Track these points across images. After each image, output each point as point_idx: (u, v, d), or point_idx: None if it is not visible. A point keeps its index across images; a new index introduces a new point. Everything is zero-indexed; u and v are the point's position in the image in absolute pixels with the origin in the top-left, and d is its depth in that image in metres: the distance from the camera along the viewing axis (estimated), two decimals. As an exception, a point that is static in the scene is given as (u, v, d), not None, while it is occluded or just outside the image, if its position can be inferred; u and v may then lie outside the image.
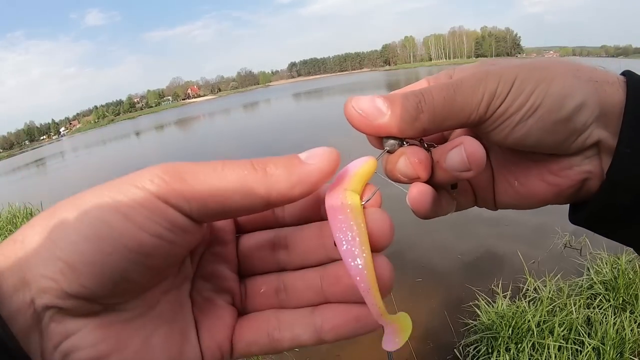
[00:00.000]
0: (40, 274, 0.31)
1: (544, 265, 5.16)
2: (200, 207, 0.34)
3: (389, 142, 0.46)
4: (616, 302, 3.94)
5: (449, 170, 0.45)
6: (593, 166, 0.47)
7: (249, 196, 0.35)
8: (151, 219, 0.32)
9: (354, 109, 0.45)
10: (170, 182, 0.33)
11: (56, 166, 35.48)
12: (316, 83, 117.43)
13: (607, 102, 0.44)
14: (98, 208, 0.31)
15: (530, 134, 0.44)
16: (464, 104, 0.44)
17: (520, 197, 0.52)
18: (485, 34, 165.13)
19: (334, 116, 28.01)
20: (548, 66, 0.45)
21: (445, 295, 5.22)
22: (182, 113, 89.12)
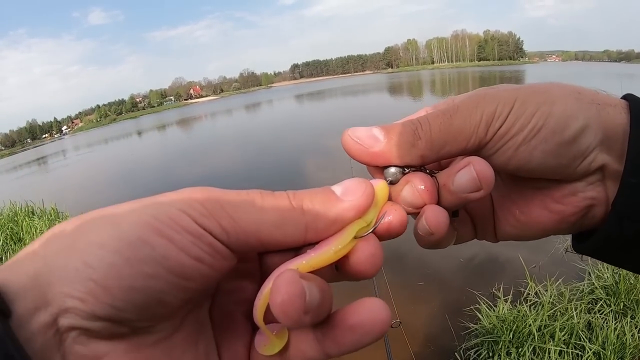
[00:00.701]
0: (65, 293, 0.29)
1: (545, 270, 5.16)
2: (239, 239, 0.34)
3: (390, 172, 0.45)
4: (617, 307, 3.94)
5: (457, 192, 0.43)
6: (597, 192, 0.45)
7: (288, 234, 0.36)
8: (194, 243, 0.31)
9: (350, 137, 0.45)
10: (212, 212, 0.33)
11: (58, 164, 35.49)
12: (318, 85, 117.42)
13: (609, 125, 0.43)
14: (138, 228, 0.31)
15: (534, 156, 0.43)
16: (462, 127, 0.43)
17: (521, 227, 0.51)
18: (487, 37, 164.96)
19: (335, 118, 28.01)
20: (549, 89, 0.45)
21: (447, 298, 5.23)
22: (184, 113, 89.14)
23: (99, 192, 16.56)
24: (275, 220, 0.35)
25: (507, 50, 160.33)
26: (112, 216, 0.32)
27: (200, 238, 0.32)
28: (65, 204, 10.39)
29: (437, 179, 0.45)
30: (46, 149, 68.11)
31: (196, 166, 17.96)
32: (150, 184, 16.22)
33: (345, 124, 0.47)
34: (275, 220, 0.35)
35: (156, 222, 0.31)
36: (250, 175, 14.54)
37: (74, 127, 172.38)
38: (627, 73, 60.49)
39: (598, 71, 61.35)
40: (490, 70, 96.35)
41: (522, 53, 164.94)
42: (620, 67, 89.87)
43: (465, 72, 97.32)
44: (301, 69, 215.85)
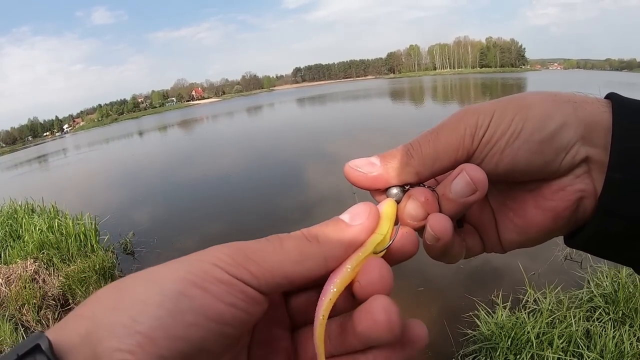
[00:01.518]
0: (115, 347, 0.31)
1: (544, 277, 5.16)
2: (267, 281, 0.37)
3: (392, 192, 0.49)
4: (616, 315, 3.94)
5: (456, 198, 0.46)
6: (585, 184, 0.47)
7: (310, 267, 0.39)
8: (228, 292, 0.34)
9: (350, 167, 0.49)
10: (239, 261, 0.36)
11: (58, 163, 35.53)
12: (320, 89, 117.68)
13: (589, 120, 0.46)
14: (177, 283, 0.33)
15: (519, 157, 0.46)
16: (448, 141, 0.47)
17: (522, 232, 0.52)
18: (490, 44, 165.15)
19: (336, 122, 28.05)
20: (525, 97, 0.48)
21: (446, 304, 5.23)
22: (186, 114, 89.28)
23: (99, 191, 16.60)
24: (296, 256, 0.39)
25: (509, 57, 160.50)
26: (151, 275, 0.35)
27: (233, 286, 0.35)
28: (65, 203, 10.39)
29: (436, 191, 0.48)
30: (47, 147, 68.27)
31: (197, 168, 17.96)
32: (150, 185, 16.26)
33: (346, 127, 0.48)
34: (296, 257, 0.39)
35: (192, 276, 0.34)
36: (251, 178, 14.57)
37: (76, 126, 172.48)
38: (629, 82, 60.60)
39: (599, 80, 61.38)
40: (492, 77, 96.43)
41: (524, 60, 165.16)
42: (621, 76, 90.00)
43: (467, 78, 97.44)
44: (303, 73, 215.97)
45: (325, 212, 9.51)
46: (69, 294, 6.33)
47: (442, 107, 34.26)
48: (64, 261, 7.08)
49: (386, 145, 0.51)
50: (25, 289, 6.05)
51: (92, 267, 6.55)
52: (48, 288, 6.29)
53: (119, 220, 10.41)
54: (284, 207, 10.34)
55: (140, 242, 8.96)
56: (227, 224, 9.76)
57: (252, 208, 10.72)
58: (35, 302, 5.89)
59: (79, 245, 7.64)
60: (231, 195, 12.61)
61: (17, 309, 5.84)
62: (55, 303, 6.14)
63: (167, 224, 10.40)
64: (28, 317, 5.73)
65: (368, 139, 18.54)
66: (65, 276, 6.44)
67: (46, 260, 7.00)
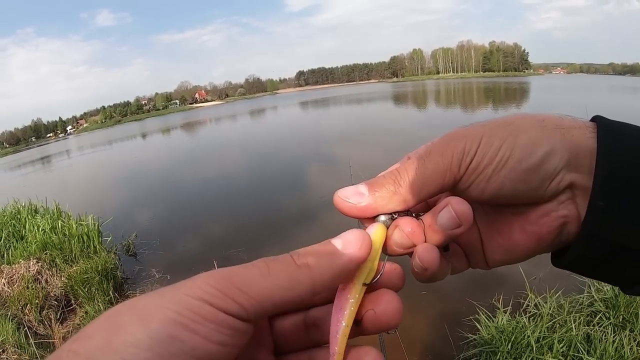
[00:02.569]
0: None
1: (545, 282, 5.15)
2: (256, 310, 0.37)
3: (381, 220, 0.49)
4: (616, 320, 3.93)
5: (441, 230, 0.46)
6: (569, 210, 0.48)
7: (298, 292, 0.39)
8: (217, 330, 0.35)
9: (339, 197, 0.48)
10: (226, 292, 0.36)
11: (62, 164, 35.61)
12: (323, 92, 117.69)
13: (575, 146, 0.46)
14: (166, 325, 0.33)
15: (505, 184, 0.47)
16: (436, 169, 0.47)
17: (506, 252, 0.53)
18: (493, 48, 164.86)
19: (339, 125, 28.05)
20: (512, 121, 0.49)
21: (447, 308, 5.23)
22: (189, 117, 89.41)
23: (103, 192, 16.62)
24: (285, 283, 0.38)
25: (512, 61, 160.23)
26: (142, 312, 0.35)
27: (221, 324, 0.35)
28: (68, 204, 10.41)
29: (423, 220, 0.48)
30: (50, 148, 68.42)
31: (200, 170, 18.00)
32: (153, 187, 16.28)
33: (349, 131, 0.50)
34: (285, 283, 0.38)
35: (181, 317, 0.34)
36: (254, 180, 14.59)
37: (79, 127, 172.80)
38: (633, 86, 60.42)
39: (603, 84, 61.24)
40: (495, 81, 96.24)
41: (527, 65, 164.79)
42: (625, 80, 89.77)
43: (470, 82, 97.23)
44: (306, 76, 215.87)
45: (327, 215, 9.53)
46: (71, 294, 6.35)
47: (446, 110, 34.23)
48: (67, 262, 7.11)
49: (389, 148, 0.52)
50: (28, 289, 6.07)
51: (95, 268, 6.57)
52: (50, 288, 6.31)
53: (122, 221, 10.45)
54: (285, 209, 10.34)
55: (143, 244, 8.98)
56: (229, 226, 9.77)
57: (254, 210, 10.73)
58: (37, 302, 5.91)
59: (82, 246, 7.66)
60: (233, 197, 12.64)
61: (20, 308, 5.86)
62: (57, 303, 6.16)
63: (170, 226, 10.42)
64: (30, 317, 5.75)
65: (371, 141, 18.55)
66: (68, 277, 6.47)
67: (49, 261, 7.02)
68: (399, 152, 1.93)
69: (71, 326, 5.78)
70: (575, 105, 31.47)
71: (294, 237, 8.28)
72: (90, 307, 5.79)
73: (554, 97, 42.84)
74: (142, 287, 6.85)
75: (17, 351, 4.68)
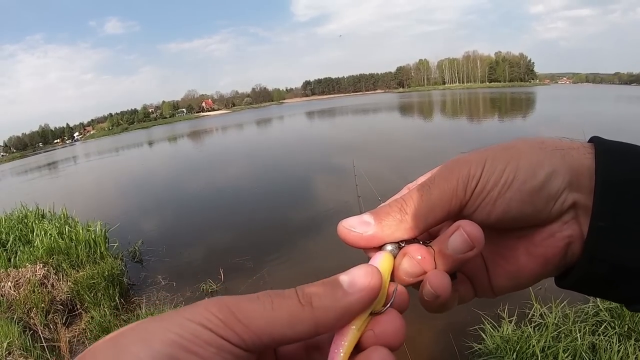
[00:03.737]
0: None
1: (551, 292, 5.14)
2: (255, 342, 0.37)
3: (388, 248, 0.48)
4: (622, 329, 3.92)
5: (453, 254, 0.46)
6: (573, 230, 0.48)
7: (299, 331, 0.38)
8: (217, 354, 0.35)
9: (344, 227, 0.47)
10: (226, 322, 0.36)
11: (68, 170, 35.76)
12: (330, 102, 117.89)
13: (575, 167, 0.47)
14: (168, 346, 0.34)
15: (511, 207, 0.47)
16: (442, 194, 0.47)
17: (513, 277, 0.53)
18: (499, 59, 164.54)
19: (344, 135, 28.08)
20: (514, 145, 0.49)
21: (452, 318, 5.21)
22: (195, 125, 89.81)
23: (109, 199, 16.69)
24: (286, 320, 0.38)
25: (518, 71, 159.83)
26: (145, 334, 0.36)
27: (220, 348, 0.36)
28: (75, 209, 10.46)
29: (432, 247, 0.48)
30: (57, 154, 68.80)
31: (206, 179, 18.07)
32: (160, 194, 16.30)
33: (354, 141, 0.51)
34: (286, 321, 0.38)
35: (182, 340, 0.35)
36: (260, 189, 14.60)
37: (86, 134, 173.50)
38: (638, 95, 60.23)
39: (609, 95, 61.09)
40: (501, 91, 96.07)
41: (533, 75, 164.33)
42: (631, 90, 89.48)
43: (477, 93, 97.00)
44: (313, 86, 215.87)
45: (332, 225, 9.47)
46: (77, 299, 6.38)
47: (452, 121, 34.21)
48: (73, 267, 7.14)
49: (396, 159, 0.53)
50: (34, 293, 6.11)
51: (101, 274, 6.60)
52: (56, 293, 6.34)
53: (129, 228, 10.48)
54: (291, 218, 10.34)
55: (149, 251, 9.02)
56: (236, 234, 9.79)
57: (260, 218, 10.75)
58: (43, 306, 5.95)
59: (88, 252, 7.70)
60: (240, 205, 12.66)
61: (26, 312, 5.89)
62: (63, 308, 6.19)
63: (176, 234, 10.44)
64: (36, 320, 5.78)
65: (377, 151, 18.57)
66: (74, 282, 6.50)
67: (55, 266, 7.06)
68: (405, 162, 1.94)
69: (77, 331, 5.80)
70: (580, 114, 31.58)
71: (299, 246, 8.29)
72: (96, 312, 5.81)
73: (559, 106, 42.75)
74: (147, 294, 6.86)
75: (23, 354, 4.70)
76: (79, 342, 5.51)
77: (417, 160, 16.02)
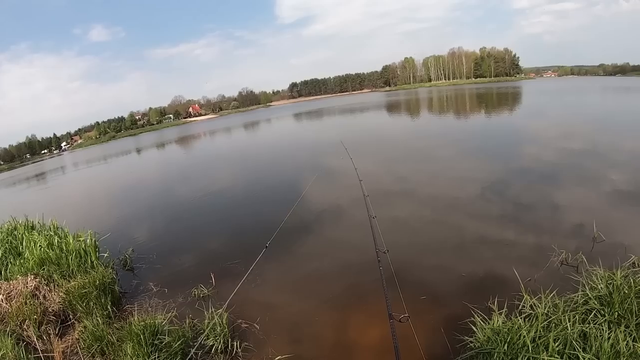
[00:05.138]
0: None
1: (541, 283, 5.21)
2: None
3: None
4: (611, 316, 3.98)
5: None
6: None
7: None
8: None
9: None
10: None
11: (57, 181, 35.47)
12: (317, 103, 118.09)
13: None
14: None
15: None
16: None
17: None
18: (484, 54, 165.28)
19: (331, 137, 28.13)
20: None
21: (444, 312, 5.27)
22: (183, 131, 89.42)
23: (99, 208, 16.57)
24: None
25: (503, 66, 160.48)
26: None
27: None
28: (65, 219, 10.40)
29: None
30: (45, 165, 68.24)
31: (195, 185, 17.99)
32: (149, 202, 16.22)
33: (342, 142, 0.53)
34: None
35: None
36: (248, 194, 14.62)
37: (74, 144, 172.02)
38: (623, 85, 60.80)
39: (594, 86, 61.66)
40: (487, 87, 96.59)
41: (518, 69, 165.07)
42: (615, 81, 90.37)
43: (463, 89, 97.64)
44: (299, 88, 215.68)
45: (321, 226, 9.59)
46: (69, 309, 6.34)
47: (440, 119, 34.38)
48: (64, 277, 7.10)
49: (381, 158, 0.55)
50: (26, 304, 6.08)
51: (93, 283, 6.57)
52: (48, 304, 6.31)
53: (119, 236, 10.43)
54: (281, 221, 10.35)
55: (140, 258, 8.99)
56: (225, 238, 9.78)
57: (249, 222, 10.75)
58: (36, 317, 5.92)
59: (79, 262, 7.66)
60: (229, 210, 12.65)
61: (18, 324, 5.86)
62: (55, 318, 6.16)
63: (166, 240, 10.41)
64: (29, 332, 5.75)
65: (365, 151, 18.66)
66: (66, 292, 6.46)
67: (46, 277, 7.02)
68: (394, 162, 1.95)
69: (70, 341, 5.77)
70: (566, 104, 31.87)
71: (290, 249, 8.31)
72: (89, 321, 5.78)
73: (543, 99, 43.08)
74: (139, 301, 6.85)
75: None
76: (73, 353, 5.48)
77: (408, 159, 16.15)
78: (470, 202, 9.75)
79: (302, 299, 6.32)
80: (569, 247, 6.28)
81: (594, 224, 6.90)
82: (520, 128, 22.09)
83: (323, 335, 5.33)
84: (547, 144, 16.18)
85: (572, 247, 6.31)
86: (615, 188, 9.49)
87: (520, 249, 6.73)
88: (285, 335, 5.46)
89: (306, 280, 6.92)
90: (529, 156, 14.23)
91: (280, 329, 5.60)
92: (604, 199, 8.88)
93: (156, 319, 5.45)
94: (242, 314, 5.93)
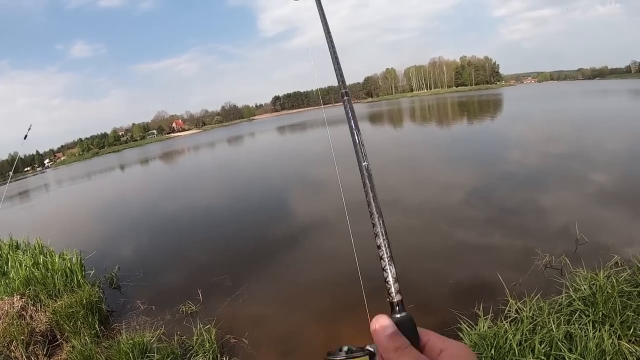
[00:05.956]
0: None
1: (525, 286, 5.28)
2: None
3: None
4: (596, 316, 4.06)
5: None
6: None
7: None
8: None
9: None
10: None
11: (41, 199, 35.02)
12: (299, 116, 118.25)
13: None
14: None
15: None
16: None
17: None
18: (464, 63, 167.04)
19: (315, 149, 28.20)
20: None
21: (431, 320, 5.29)
22: (166, 146, 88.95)
23: (84, 226, 16.40)
24: None
25: (483, 74, 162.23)
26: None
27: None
28: (49, 238, 10.30)
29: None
30: (29, 183, 67.20)
31: (179, 200, 17.91)
32: (134, 219, 16.12)
33: (325, 155, 0.58)
34: None
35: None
36: (234, 208, 14.57)
37: (57, 161, 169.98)
38: (602, 89, 61.84)
39: (573, 90, 62.64)
40: (468, 95, 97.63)
41: (498, 77, 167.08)
42: (594, 84, 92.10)
43: (444, 98, 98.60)
44: (282, 101, 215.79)
45: (308, 239, 9.59)
46: (56, 329, 6.27)
47: (423, 127, 34.61)
48: (51, 297, 7.02)
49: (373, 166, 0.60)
50: (13, 325, 6.00)
51: (79, 302, 6.51)
52: (35, 324, 6.23)
53: (104, 254, 10.34)
54: (267, 235, 10.34)
55: (126, 276, 8.92)
56: (212, 253, 9.73)
57: (236, 237, 10.72)
58: (23, 338, 5.83)
59: (65, 281, 7.57)
60: (214, 225, 12.58)
61: (6, 345, 5.78)
62: (43, 339, 6.08)
63: (152, 257, 10.35)
64: (17, 353, 5.67)
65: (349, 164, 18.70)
66: (53, 312, 6.39)
67: (33, 296, 6.93)
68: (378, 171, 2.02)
69: (59, 361, 5.71)
70: (545, 110, 32.33)
71: (277, 262, 8.30)
72: (77, 341, 5.73)
73: (523, 105, 43.66)
74: (127, 319, 6.79)
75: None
76: (61, 373, 5.44)
77: (389, 168, 16.24)
78: (455, 208, 9.84)
79: (290, 311, 6.32)
80: (552, 250, 6.38)
81: (576, 226, 7.02)
82: (502, 134, 22.35)
83: (312, 347, 5.34)
84: (529, 148, 16.43)
85: (556, 250, 6.41)
86: (596, 189, 9.69)
87: (504, 254, 6.82)
88: (274, 349, 5.45)
89: (294, 293, 6.92)
90: (511, 161, 14.43)
91: (269, 342, 5.59)
92: (585, 200, 9.05)
93: (144, 337, 5.43)
94: (231, 329, 5.92)
